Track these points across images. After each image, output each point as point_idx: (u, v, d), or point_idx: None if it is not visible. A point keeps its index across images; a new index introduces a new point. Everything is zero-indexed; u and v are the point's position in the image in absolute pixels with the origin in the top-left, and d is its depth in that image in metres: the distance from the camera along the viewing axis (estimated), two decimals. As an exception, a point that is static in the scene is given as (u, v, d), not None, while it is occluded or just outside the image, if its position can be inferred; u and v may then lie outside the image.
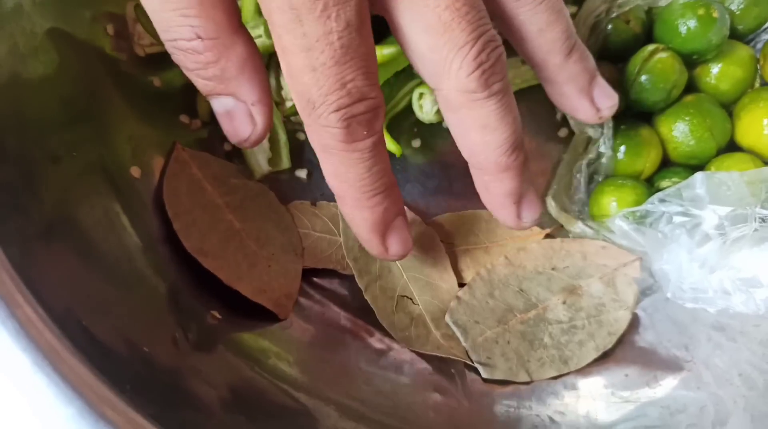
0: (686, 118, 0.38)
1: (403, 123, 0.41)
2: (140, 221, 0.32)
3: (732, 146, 0.39)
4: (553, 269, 0.37)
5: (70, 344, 0.20)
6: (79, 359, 0.20)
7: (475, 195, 0.31)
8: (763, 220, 0.33)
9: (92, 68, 0.35)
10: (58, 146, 0.29)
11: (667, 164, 0.40)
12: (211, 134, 0.39)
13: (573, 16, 0.40)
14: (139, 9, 0.35)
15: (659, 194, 0.35)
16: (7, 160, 0.25)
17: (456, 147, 0.40)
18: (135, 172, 0.34)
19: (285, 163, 0.39)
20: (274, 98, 0.40)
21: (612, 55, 0.41)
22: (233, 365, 0.28)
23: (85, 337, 0.21)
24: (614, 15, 0.40)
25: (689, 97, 0.39)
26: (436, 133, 0.41)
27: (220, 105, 0.26)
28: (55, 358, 0.20)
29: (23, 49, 0.30)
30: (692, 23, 0.37)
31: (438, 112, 0.39)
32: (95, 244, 0.28)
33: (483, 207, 0.39)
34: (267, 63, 0.40)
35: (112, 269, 0.28)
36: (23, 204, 0.25)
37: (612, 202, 0.37)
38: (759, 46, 0.41)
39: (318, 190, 0.39)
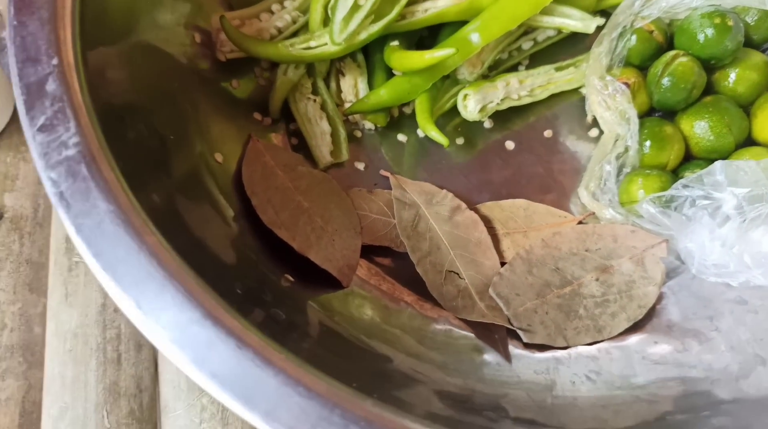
0: (706, 116, 0.42)
1: (449, 123, 0.46)
2: (226, 196, 0.37)
3: (749, 142, 0.43)
4: (586, 250, 0.41)
5: (186, 263, 0.25)
6: (191, 271, 0.25)
7: (512, 186, 0.35)
8: (777, 199, 0.36)
9: (181, 72, 0.41)
10: (168, 131, 0.34)
11: (689, 159, 0.44)
12: (280, 132, 0.44)
13: (600, 27, 0.45)
14: (224, 18, 0.41)
15: (682, 181, 0.39)
16: (149, 130, 0.31)
17: (494, 144, 0.45)
18: (218, 157, 0.39)
19: (345, 155, 0.43)
20: (335, 100, 0.45)
21: (637, 63, 0.45)
22: (316, 310, 0.33)
23: (197, 261, 0.26)
24: (638, 26, 0.44)
25: (708, 98, 0.43)
26: (478, 132, 0.46)
27: None
28: (173, 271, 0.25)
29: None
30: (709, 31, 0.42)
31: (481, 110, 0.44)
32: (198, 206, 0.33)
33: (521, 196, 0.43)
34: (328, 69, 0.45)
35: (211, 228, 0.32)
36: (161, 164, 0.30)
37: (640, 190, 0.41)
38: (773, 55, 0.45)
39: (373, 180, 0.44)
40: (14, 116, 0.46)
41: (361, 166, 0.44)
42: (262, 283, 0.33)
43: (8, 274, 0.39)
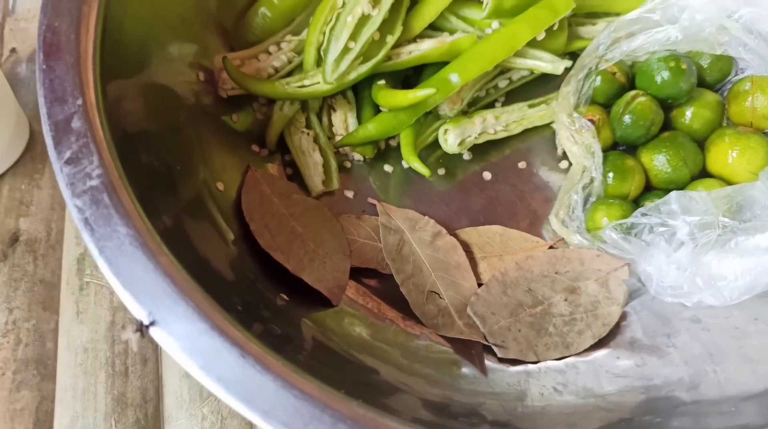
0: (663, 151, 0.46)
1: (431, 155, 0.50)
2: (227, 221, 0.40)
3: (704, 174, 0.47)
4: (556, 273, 0.45)
5: (194, 280, 0.29)
6: (199, 288, 0.28)
7: (489, 213, 0.39)
8: (725, 226, 0.41)
9: (187, 107, 0.45)
10: (175, 161, 0.38)
11: (649, 189, 0.48)
12: (276, 163, 0.48)
13: (569, 69, 0.49)
14: (226, 59, 0.45)
15: (641, 209, 0.43)
16: (159, 160, 0.35)
17: (473, 175, 0.49)
18: (220, 186, 0.42)
19: (335, 184, 0.47)
20: (327, 133, 0.49)
21: (602, 101, 0.50)
22: (309, 326, 0.36)
23: (203, 279, 0.29)
24: (603, 68, 0.49)
25: (666, 134, 0.47)
26: (458, 163, 0.50)
27: None
28: (184, 288, 0.28)
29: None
30: (666, 74, 0.46)
31: (460, 144, 0.48)
32: (203, 229, 0.36)
33: (497, 223, 0.47)
34: (321, 105, 0.49)
35: (214, 249, 0.36)
36: (171, 190, 0.34)
37: (604, 218, 0.45)
38: (725, 93, 0.50)
39: (361, 207, 0.48)
40: (28, 146, 0.49)
41: (350, 194, 0.48)
42: (259, 301, 0.36)
43: (23, 293, 0.42)
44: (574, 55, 0.52)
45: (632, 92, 0.47)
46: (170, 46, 0.44)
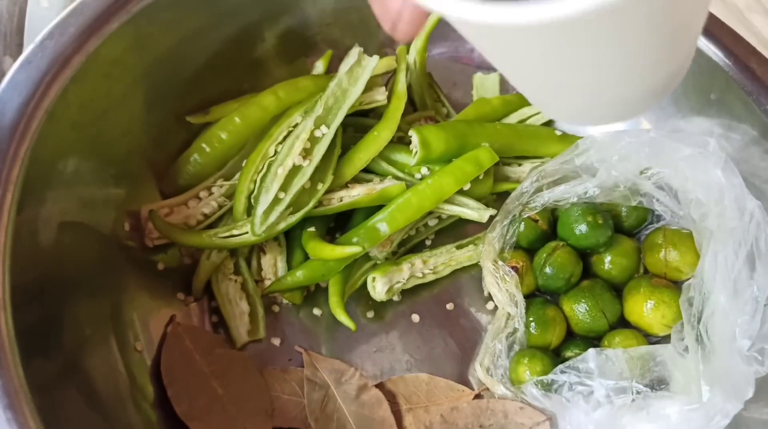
0: (583, 301, 0.48)
1: (361, 297, 0.51)
2: (139, 385, 0.39)
3: (623, 321, 0.49)
4: (480, 426, 0.45)
5: None
6: None
7: (417, 357, 0.40)
8: (638, 392, 0.42)
9: (111, 253, 0.44)
10: (78, 312, 0.37)
11: (571, 335, 0.49)
12: (201, 308, 0.47)
13: (492, 217, 0.51)
14: (152, 212, 0.45)
15: (561, 366, 0.44)
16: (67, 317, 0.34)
17: (402, 317, 0.49)
18: (138, 345, 0.42)
19: (261, 333, 0.47)
20: (254, 277, 0.49)
21: (525, 246, 0.51)
22: None
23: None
24: (526, 215, 0.51)
25: (586, 283, 0.49)
26: (388, 305, 0.51)
27: None
28: None
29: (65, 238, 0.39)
30: (583, 227, 0.48)
31: (388, 291, 0.49)
32: (100, 395, 0.35)
33: (425, 368, 0.47)
34: (250, 250, 0.49)
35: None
36: (49, 347, 0.33)
37: (526, 371, 0.46)
38: (641, 238, 0.52)
39: (288, 355, 0.47)
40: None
41: (277, 341, 0.48)
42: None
43: None
44: (501, 195, 0.54)
45: (553, 243, 0.49)
46: (99, 190, 0.44)
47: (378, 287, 0.48)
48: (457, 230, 0.54)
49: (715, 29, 0.48)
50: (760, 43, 0.74)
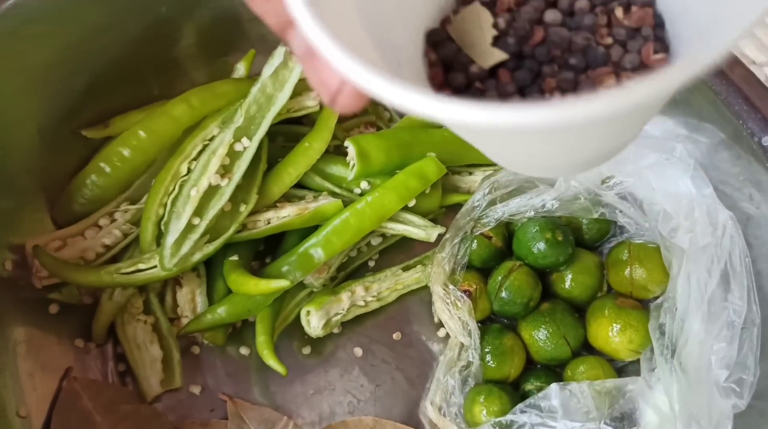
0: (543, 327, 0.43)
1: (295, 331, 0.44)
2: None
3: (587, 345, 0.44)
4: (432, 476, 0.40)
5: None
6: None
7: (361, 398, 0.34)
8: (607, 434, 0.37)
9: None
10: None
11: (531, 363, 0.44)
12: (104, 356, 0.40)
13: (441, 235, 0.45)
14: (38, 248, 0.38)
15: (520, 405, 0.39)
16: None
17: (343, 351, 0.44)
18: (23, 411, 0.35)
19: (178, 381, 0.41)
20: (169, 315, 0.42)
21: (478, 265, 0.46)
22: None
23: None
24: (479, 232, 0.45)
25: (545, 306, 0.44)
26: (326, 338, 0.45)
27: None
28: None
29: None
30: (542, 245, 0.43)
31: (325, 326, 0.43)
32: None
33: (369, 410, 0.42)
34: (162, 286, 0.42)
35: None
36: None
37: (482, 411, 0.41)
38: (604, 252, 0.48)
39: (210, 405, 0.41)
40: None
41: (197, 389, 0.41)
42: None
43: None
44: (451, 208, 0.49)
45: (509, 264, 0.44)
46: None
47: (313, 322, 0.42)
48: (403, 247, 0.49)
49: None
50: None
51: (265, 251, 0.47)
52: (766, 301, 0.40)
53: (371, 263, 0.48)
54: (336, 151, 0.47)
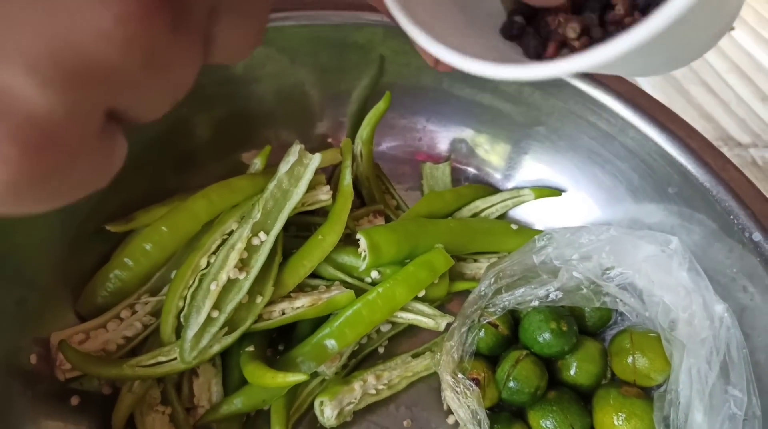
0: (551, 415, 0.44)
1: (309, 420, 0.45)
2: None
3: (593, 434, 0.45)
4: None
5: None
6: None
7: None
8: None
9: (9, 391, 0.38)
10: None
11: (541, 451, 0.45)
12: (122, 448, 0.41)
13: (450, 324, 0.47)
14: (63, 343, 0.39)
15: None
16: None
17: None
18: None
19: (194, 475, 0.41)
20: (185, 405, 0.43)
21: (486, 353, 0.47)
22: None
23: None
24: (485, 321, 0.47)
25: (552, 394, 0.45)
26: (338, 427, 0.45)
27: None
28: None
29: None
30: (547, 335, 0.45)
31: (338, 416, 0.44)
32: None
33: None
34: (179, 376, 0.43)
35: None
36: None
37: (493, 503, 0.41)
38: (606, 338, 0.49)
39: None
40: None
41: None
42: None
43: None
44: (456, 295, 0.50)
45: (516, 353, 0.46)
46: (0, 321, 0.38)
47: (327, 412, 0.43)
48: (411, 333, 0.50)
49: (669, 122, 0.46)
50: (702, 116, 0.74)
51: (277, 338, 0.48)
52: (765, 391, 0.41)
53: (380, 349, 0.49)
54: (346, 240, 0.49)
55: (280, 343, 0.48)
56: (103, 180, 0.17)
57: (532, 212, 0.55)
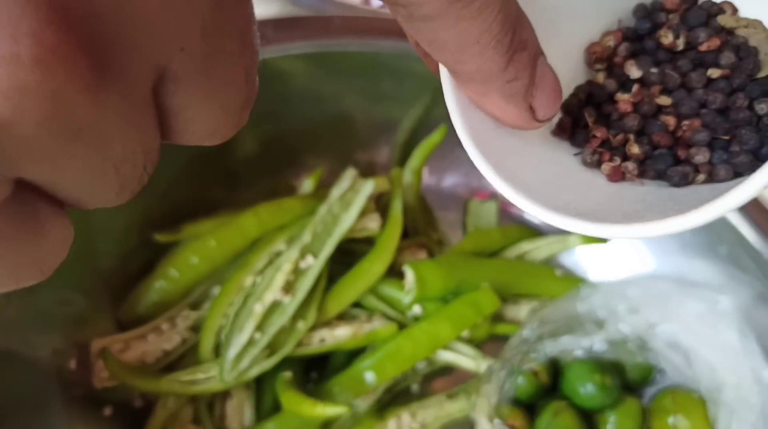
0: (590, 473, 0.43)
1: (336, 452, 0.44)
2: None
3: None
4: None
5: None
6: None
7: None
8: None
9: (46, 395, 0.37)
10: None
11: None
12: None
13: (488, 366, 0.46)
14: (105, 351, 0.38)
15: None
16: None
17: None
18: None
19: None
20: (216, 425, 0.42)
21: (524, 400, 0.46)
22: None
23: None
24: (526, 368, 0.46)
25: (590, 449, 0.44)
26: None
27: None
28: None
29: None
30: (590, 387, 0.44)
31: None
32: None
33: None
34: (213, 396, 0.42)
35: None
36: None
37: None
38: (645, 395, 0.48)
39: None
40: None
41: None
42: None
43: None
44: (492, 337, 0.50)
45: (556, 404, 0.44)
46: (42, 317, 0.37)
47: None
48: (447, 372, 0.49)
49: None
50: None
51: (309, 365, 0.47)
52: (813, 466, 0.40)
53: (414, 386, 0.48)
54: (389, 272, 0.48)
55: (313, 370, 0.47)
56: (34, 274, 0.13)
57: (577, 258, 0.54)
